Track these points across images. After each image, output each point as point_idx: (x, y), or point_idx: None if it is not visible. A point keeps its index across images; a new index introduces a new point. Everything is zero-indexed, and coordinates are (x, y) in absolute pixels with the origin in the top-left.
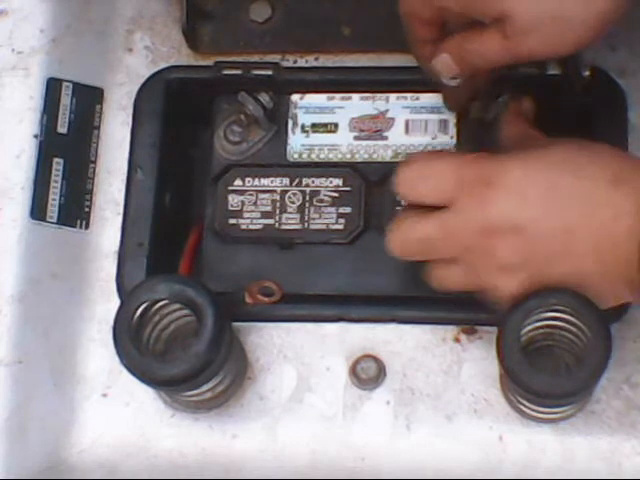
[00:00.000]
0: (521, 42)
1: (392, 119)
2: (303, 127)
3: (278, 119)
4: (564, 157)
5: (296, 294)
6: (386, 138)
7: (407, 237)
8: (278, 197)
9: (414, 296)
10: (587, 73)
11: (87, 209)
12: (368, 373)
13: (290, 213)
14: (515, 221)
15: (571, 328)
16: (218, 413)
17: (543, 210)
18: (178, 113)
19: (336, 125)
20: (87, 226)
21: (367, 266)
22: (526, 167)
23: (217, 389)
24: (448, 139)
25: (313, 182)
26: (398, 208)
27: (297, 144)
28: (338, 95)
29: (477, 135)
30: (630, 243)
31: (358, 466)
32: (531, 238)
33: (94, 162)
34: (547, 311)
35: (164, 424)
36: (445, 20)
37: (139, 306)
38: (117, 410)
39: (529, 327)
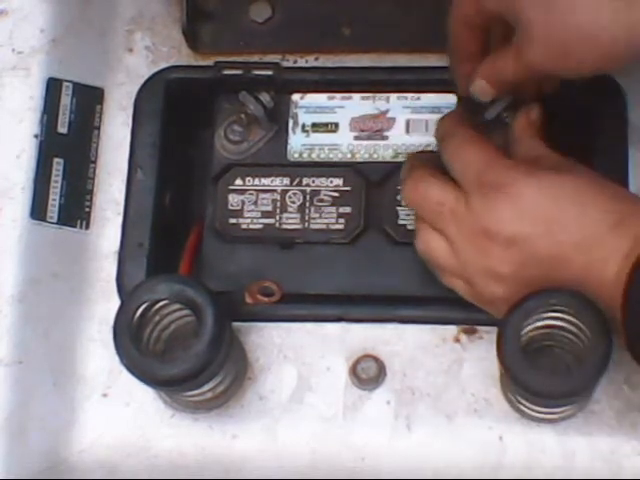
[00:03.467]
0: (530, 59)
1: (393, 119)
2: (303, 127)
3: (278, 119)
4: (576, 188)
5: (296, 294)
6: (387, 138)
7: (427, 192)
8: (278, 197)
9: (414, 296)
10: None
11: (87, 209)
12: (368, 373)
13: (290, 213)
14: (512, 234)
15: (571, 328)
16: (218, 413)
17: (542, 232)
18: (178, 113)
19: (336, 125)
20: (87, 226)
21: (367, 266)
22: (539, 188)
23: (217, 389)
24: None
25: (313, 182)
26: (398, 208)
27: (297, 144)
28: (338, 95)
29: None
30: (615, 289)
31: (358, 466)
32: (523, 254)
33: (94, 162)
34: (547, 311)
35: (164, 424)
36: (489, 32)
37: (139, 306)
38: (117, 410)
39: (529, 327)
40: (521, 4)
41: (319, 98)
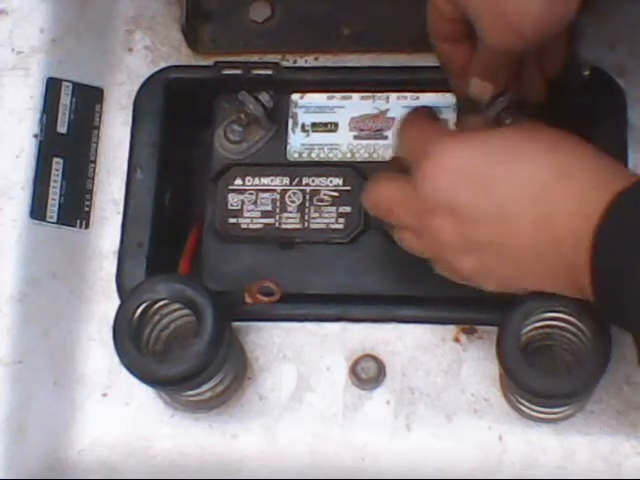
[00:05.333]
0: (490, 42)
1: (392, 119)
2: (303, 126)
3: (278, 118)
4: (507, 145)
5: (296, 294)
6: (386, 138)
7: (377, 196)
8: (278, 196)
9: (414, 296)
10: (587, 73)
11: (87, 209)
12: (368, 373)
13: (290, 212)
14: (450, 204)
15: (571, 328)
16: (218, 413)
17: (477, 195)
18: (178, 113)
19: (336, 124)
20: (87, 226)
21: (367, 266)
22: (467, 149)
23: (217, 389)
24: None
25: (313, 181)
26: None
27: (297, 143)
28: (338, 94)
29: None
30: (576, 246)
31: (358, 466)
32: (467, 222)
33: (94, 162)
34: (547, 311)
35: (164, 424)
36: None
37: (139, 306)
38: (117, 410)
39: (529, 327)
40: None
41: (319, 98)
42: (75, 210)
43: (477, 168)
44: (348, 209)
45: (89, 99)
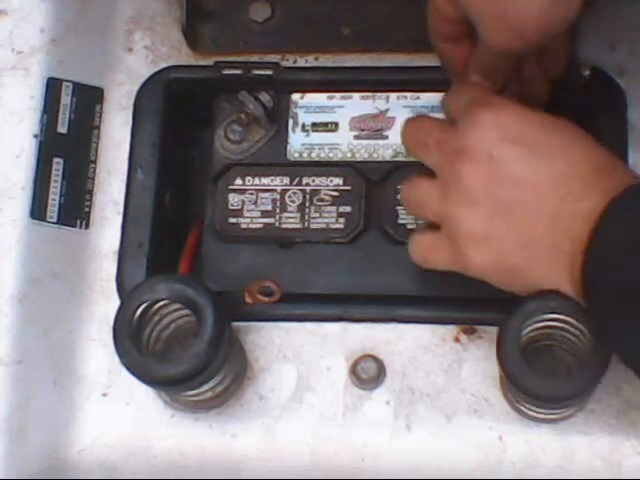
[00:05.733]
0: (490, 43)
1: (392, 118)
2: (303, 126)
3: (278, 118)
4: (561, 130)
5: (296, 294)
6: (386, 137)
7: (420, 126)
8: (278, 196)
9: (414, 296)
10: (587, 73)
11: (87, 209)
12: (368, 373)
13: (290, 212)
14: (492, 152)
15: (571, 330)
16: (218, 413)
17: (519, 156)
18: (178, 113)
19: (336, 124)
20: (87, 226)
21: (367, 265)
22: (524, 114)
23: (217, 389)
24: None
25: (313, 181)
26: (398, 207)
27: (297, 143)
28: (338, 94)
29: None
30: (585, 225)
31: (358, 466)
32: (499, 176)
33: (94, 162)
34: (547, 313)
35: (164, 424)
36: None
37: (139, 306)
38: (117, 410)
39: (529, 328)
40: None
41: (319, 98)
42: (75, 210)
43: (528, 135)
44: (348, 209)
45: (89, 99)
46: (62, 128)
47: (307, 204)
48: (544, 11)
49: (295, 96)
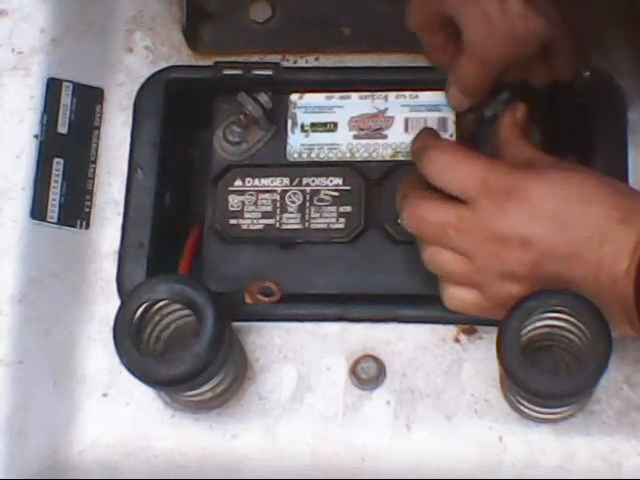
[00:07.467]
0: (483, 53)
1: (391, 118)
2: (302, 127)
3: (277, 119)
4: (580, 185)
5: (296, 294)
6: (386, 137)
7: (425, 217)
8: (278, 197)
9: (414, 295)
10: (587, 73)
11: (87, 209)
12: (368, 373)
13: (291, 213)
14: (524, 235)
15: (571, 328)
16: (218, 413)
17: (553, 231)
18: (178, 113)
19: (335, 124)
20: (87, 226)
21: (368, 265)
22: (546, 187)
23: (217, 389)
24: (447, 137)
25: (313, 181)
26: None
27: (297, 144)
28: (337, 94)
29: (476, 133)
30: (627, 281)
31: (358, 466)
32: (538, 254)
33: (94, 162)
34: (547, 312)
35: (164, 424)
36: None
37: (139, 306)
38: (117, 410)
39: (529, 327)
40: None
41: (318, 98)
42: (75, 210)
43: (554, 206)
44: (348, 209)
45: (89, 99)
46: (62, 128)
47: (307, 204)
48: (522, 21)
49: (294, 96)
